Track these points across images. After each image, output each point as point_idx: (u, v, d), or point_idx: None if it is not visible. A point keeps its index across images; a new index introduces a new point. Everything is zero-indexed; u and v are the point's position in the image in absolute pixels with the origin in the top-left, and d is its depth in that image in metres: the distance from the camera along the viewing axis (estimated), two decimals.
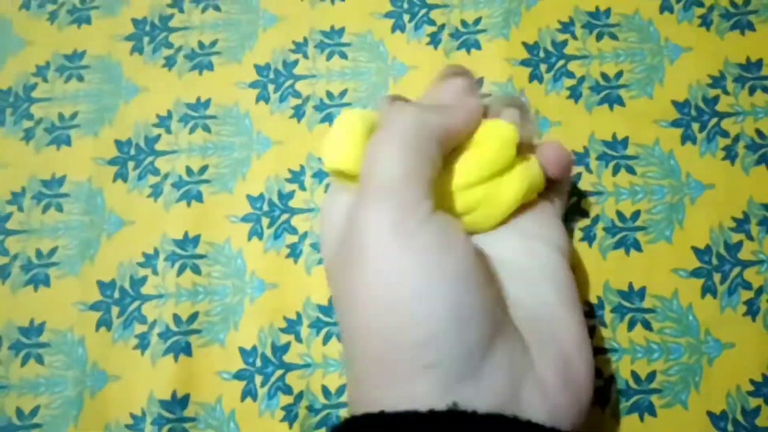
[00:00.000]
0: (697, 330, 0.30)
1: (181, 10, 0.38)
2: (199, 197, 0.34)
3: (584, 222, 0.32)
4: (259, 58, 0.37)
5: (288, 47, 0.37)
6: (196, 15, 0.38)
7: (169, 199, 0.34)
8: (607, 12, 0.36)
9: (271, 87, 0.36)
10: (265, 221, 0.34)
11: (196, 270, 0.33)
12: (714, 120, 0.33)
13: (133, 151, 0.36)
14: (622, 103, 0.34)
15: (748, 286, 0.30)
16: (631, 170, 0.33)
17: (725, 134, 0.33)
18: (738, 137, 0.33)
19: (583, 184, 0.33)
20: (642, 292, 0.31)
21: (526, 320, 0.23)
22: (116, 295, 0.33)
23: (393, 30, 0.37)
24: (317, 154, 0.35)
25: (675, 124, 0.33)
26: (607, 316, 0.31)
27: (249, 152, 0.35)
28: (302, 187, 0.34)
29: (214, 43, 0.37)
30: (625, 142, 0.33)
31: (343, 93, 0.36)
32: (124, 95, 0.37)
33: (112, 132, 0.36)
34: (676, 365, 0.30)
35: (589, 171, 0.33)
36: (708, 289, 0.30)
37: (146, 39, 0.38)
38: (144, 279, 0.33)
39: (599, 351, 0.30)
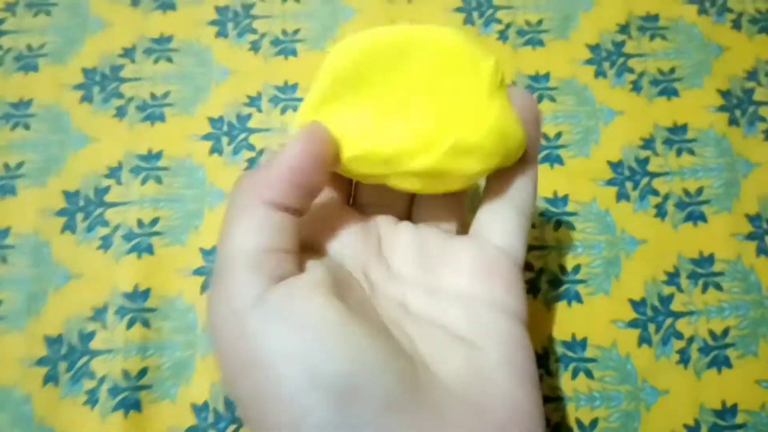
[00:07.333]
0: (635, 378, 0.32)
1: (133, 61, 0.38)
2: (150, 249, 0.34)
3: (529, 275, 0.34)
4: (213, 111, 0.37)
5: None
6: (147, 66, 0.38)
7: (119, 252, 0.34)
8: (546, 76, 0.38)
9: (225, 139, 0.36)
10: None
11: (146, 324, 0.33)
12: (646, 179, 0.36)
13: (81, 203, 0.35)
14: (561, 162, 0.36)
15: (680, 336, 0.32)
16: (571, 226, 0.35)
17: (656, 193, 0.35)
18: (667, 196, 0.35)
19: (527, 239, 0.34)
20: (584, 343, 0.32)
21: (450, 398, 0.20)
22: (64, 350, 0.32)
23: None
24: None
25: (610, 182, 0.35)
26: (553, 365, 0.32)
27: (201, 205, 0.35)
28: None
29: (166, 95, 0.37)
30: (565, 199, 0.35)
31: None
32: (72, 145, 0.36)
33: (59, 183, 0.35)
34: (616, 412, 0.31)
35: (533, 226, 0.35)
36: (644, 339, 0.32)
37: (96, 89, 0.37)
38: (92, 333, 0.32)
39: (546, 400, 0.31)
